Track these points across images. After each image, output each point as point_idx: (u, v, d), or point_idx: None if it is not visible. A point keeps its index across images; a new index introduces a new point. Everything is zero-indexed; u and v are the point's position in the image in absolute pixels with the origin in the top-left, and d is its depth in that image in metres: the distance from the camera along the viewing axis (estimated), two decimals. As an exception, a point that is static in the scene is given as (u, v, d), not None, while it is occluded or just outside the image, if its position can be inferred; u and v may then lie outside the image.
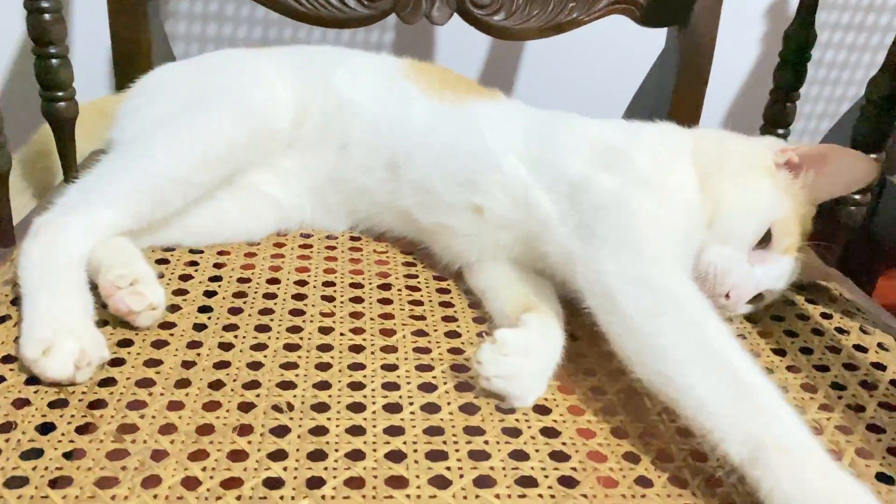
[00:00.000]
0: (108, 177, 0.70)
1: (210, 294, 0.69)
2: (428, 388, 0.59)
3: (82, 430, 0.51)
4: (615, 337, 0.59)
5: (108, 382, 0.56)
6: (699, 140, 0.73)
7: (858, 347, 0.70)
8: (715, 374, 0.53)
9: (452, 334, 0.67)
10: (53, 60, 0.75)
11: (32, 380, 0.55)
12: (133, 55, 0.93)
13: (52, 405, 0.53)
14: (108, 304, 0.62)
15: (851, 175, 0.70)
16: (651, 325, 0.57)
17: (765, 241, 0.68)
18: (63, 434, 0.51)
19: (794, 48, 0.87)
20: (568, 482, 0.51)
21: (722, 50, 1.02)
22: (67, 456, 0.49)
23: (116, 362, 0.58)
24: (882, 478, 0.55)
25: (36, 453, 0.49)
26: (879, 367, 0.67)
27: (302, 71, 0.83)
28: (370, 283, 0.73)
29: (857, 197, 0.77)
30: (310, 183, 0.82)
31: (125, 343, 0.61)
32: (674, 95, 1.06)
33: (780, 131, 0.89)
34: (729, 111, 1.36)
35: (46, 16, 0.73)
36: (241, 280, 0.72)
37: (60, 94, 0.76)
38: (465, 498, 0.49)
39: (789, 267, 0.71)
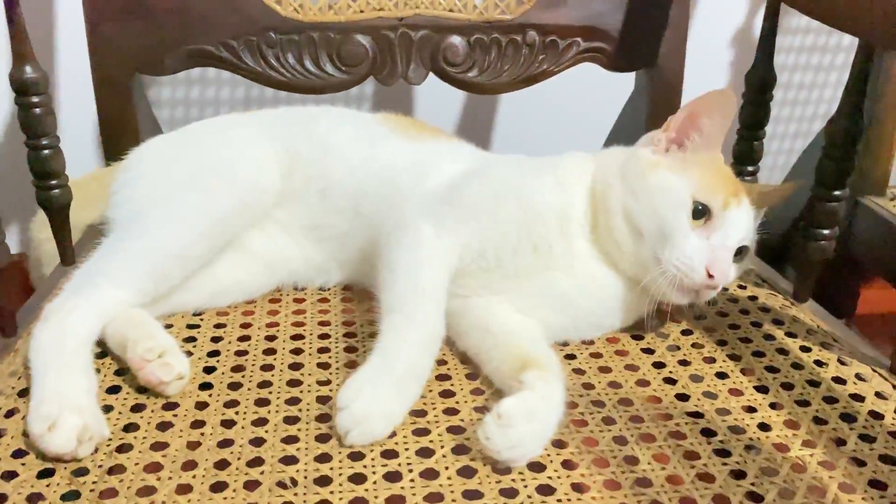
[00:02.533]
0: (110, 257, 0.74)
1: (209, 370, 0.71)
2: (426, 453, 0.61)
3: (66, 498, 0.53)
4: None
5: (117, 469, 0.58)
6: (602, 160, 0.80)
7: (837, 380, 0.73)
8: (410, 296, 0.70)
9: (447, 393, 0.69)
10: (45, 151, 0.78)
11: (45, 472, 0.57)
12: (120, 130, 0.96)
13: (64, 497, 0.55)
14: (138, 377, 0.66)
15: (721, 112, 0.73)
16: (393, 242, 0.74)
17: (700, 213, 0.71)
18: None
19: (756, 89, 0.90)
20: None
21: (690, 88, 1.06)
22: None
23: (124, 448, 0.60)
24: (865, 512, 0.57)
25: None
26: (858, 398, 0.70)
27: (286, 127, 0.88)
28: (364, 346, 0.76)
29: (824, 232, 0.80)
30: (300, 234, 0.85)
31: (131, 427, 0.63)
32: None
33: (750, 168, 0.93)
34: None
35: (37, 110, 0.76)
36: (238, 353, 0.74)
37: (54, 182, 0.79)
38: (467, 564, 0.51)
39: (744, 217, 0.74)
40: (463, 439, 0.63)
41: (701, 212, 0.71)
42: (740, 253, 0.74)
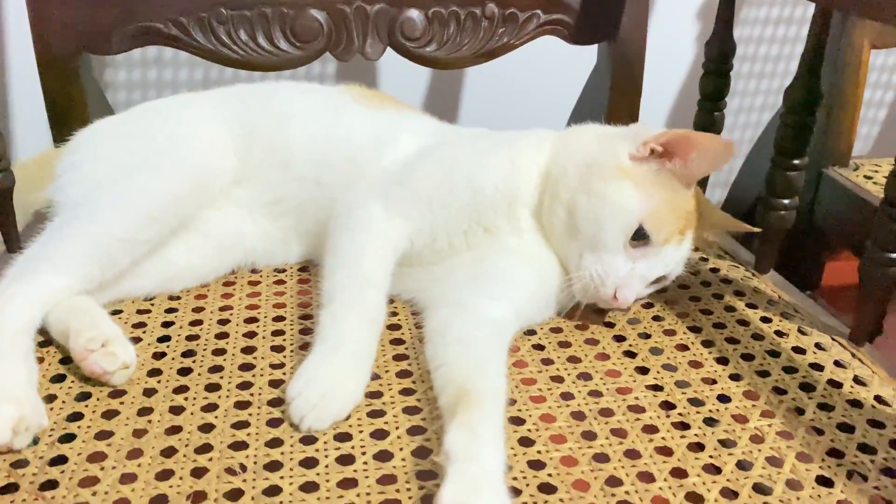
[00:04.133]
0: (54, 243, 0.71)
1: (159, 356, 0.69)
2: (380, 434, 0.60)
3: (33, 514, 0.51)
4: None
5: (59, 461, 0.56)
6: (568, 139, 0.78)
7: (797, 349, 0.72)
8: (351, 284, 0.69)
9: (404, 374, 0.68)
10: (-15, 134, 0.75)
11: (-19, 467, 0.55)
12: (68, 112, 0.92)
13: (2, 490, 0.53)
14: (81, 367, 0.64)
15: (713, 157, 0.71)
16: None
17: (642, 237, 0.71)
18: (14, 521, 0.51)
19: (715, 59, 0.89)
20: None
21: (653, 62, 1.05)
22: (19, 544, 0.49)
23: (67, 438, 0.58)
24: (821, 481, 0.57)
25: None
26: (817, 367, 0.70)
27: (241, 104, 0.86)
28: (320, 328, 0.74)
29: (784, 202, 0.79)
30: (260, 211, 0.83)
31: (75, 417, 0.61)
32: (609, 108, 1.09)
33: (718, 103, 0.92)
34: (665, 121, 1.39)
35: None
36: (189, 338, 0.72)
37: (-6, 166, 0.76)
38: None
39: (678, 254, 0.74)
40: (419, 420, 0.62)
41: (640, 236, 0.71)
42: (662, 278, 0.75)
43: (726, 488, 0.56)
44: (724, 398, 0.66)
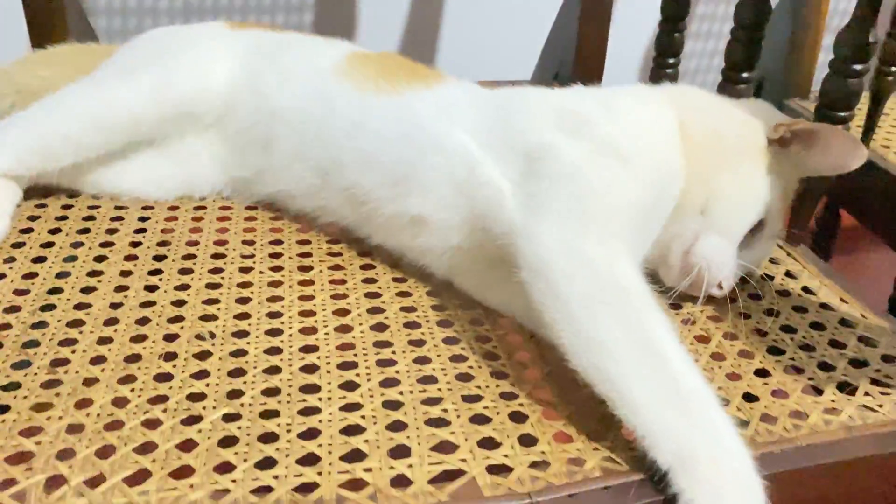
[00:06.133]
0: (10, 125, 0.75)
1: (135, 244, 0.73)
2: (342, 312, 0.65)
3: (17, 366, 0.56)
4: (550, 321, 0.54)
5: (40, 325, 0.61)
6: (683, 105, 0.68)
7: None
8: (652, 376, 0.49)
9: (367, 267, 0.72)
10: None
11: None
12: (47, 25, 0.95)
13: (-13, 349, 0.58)
14: None
15: (839, 156, 0.65)
16: (587, 314, 0.52)
17: (755, 229, 0.66)
18: (-1, 371, 0.55)
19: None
20: (465, 377, 0.58)
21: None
22: (4, 388, 0.54)
23: (47, 307, 0.63)
24: (744, 354, 0.62)
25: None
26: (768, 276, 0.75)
27: (246, 61, 0.80)
28: (290, 228, 0.78)
29: None
30: (234, 172, 0.81)
31: (55, 291, 0.65)
32: (579, 36, 1.13)
33: (671, 60, 0.95)
34: (641, 53, 1.42)
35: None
36: (164, 231, 0.76)
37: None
38: (371, 397, 0.55)
39: (768, 248, 0.71)
40: (379, 303, 0.66)
41: (756, 228, 0.66)
42: None
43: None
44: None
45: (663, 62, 0.96)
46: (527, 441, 0.52)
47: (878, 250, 1.28)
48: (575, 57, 1.15)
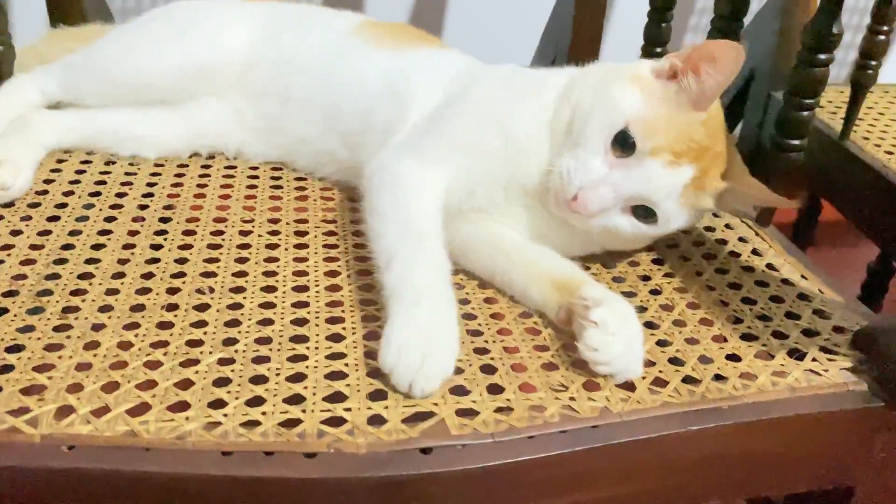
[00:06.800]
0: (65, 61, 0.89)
1: (143, 207, 0.78)
2: (333, 273, 0.70)
3: (32, 311, 0.61)
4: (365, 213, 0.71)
5: (53, 277, 0.66)
6: (585, 75, 0.73)
7: (708, 228, 0.82)
8: (403, 232, 0.66)
9: (359, 233, 0.76)
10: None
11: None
12: (64, 5, 1.01)
13: (5, 294, 0.63)
14: None
15: (723, 64, 0.64)
16: (377, 195, 0.71)
17: (621, 144, 0.66)
18: (14, 315, 0.60)
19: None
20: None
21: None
22: (20, 331, 0.59)
23: (60, 261, 0.68)
24: (703, 321, 0.67)
25: (-7, 331, 0.59)
26: (722, 241, 0.79)
27: (266, 25, 0.89)
28: (289, 196, 0.83)
29: (794, 143, 0.82)
30: (252, 124, 0.88)
31: (68, 247, 0.70)
32: (575, 23, 1.16)
33: (658, 50, 0.99)
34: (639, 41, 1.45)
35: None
36: (170, 195, 0.81)
37: (-1, 38, 0.85)
38: (355, 348, 0.60)
39: (666, 177, 0.66)
40: (367, 265, 0.71)
41: (622, 143, 0.65)
42: (646, 216, 0.68)
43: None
44: (633, 263, 0.75)
45: (652, 52, 0.99)
46: (494, 390, 0.57)
47: (860, 243, 1.32)
48: (571, 43, 1.19)
